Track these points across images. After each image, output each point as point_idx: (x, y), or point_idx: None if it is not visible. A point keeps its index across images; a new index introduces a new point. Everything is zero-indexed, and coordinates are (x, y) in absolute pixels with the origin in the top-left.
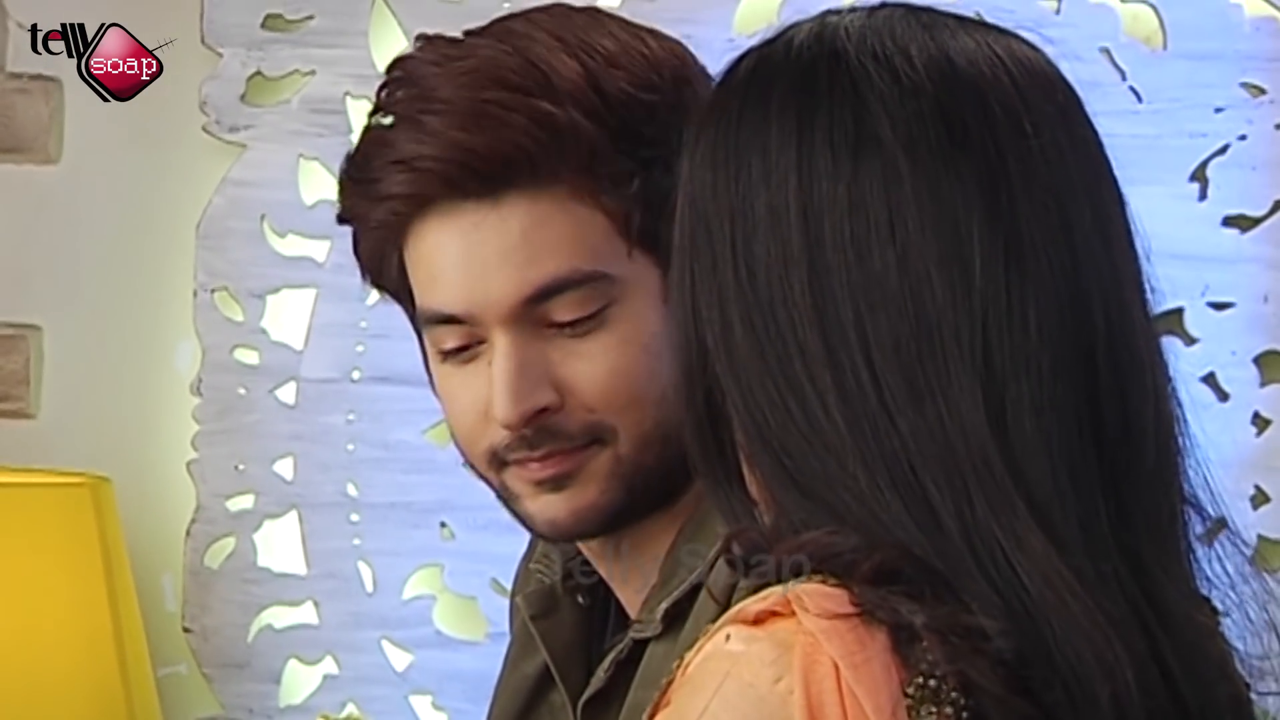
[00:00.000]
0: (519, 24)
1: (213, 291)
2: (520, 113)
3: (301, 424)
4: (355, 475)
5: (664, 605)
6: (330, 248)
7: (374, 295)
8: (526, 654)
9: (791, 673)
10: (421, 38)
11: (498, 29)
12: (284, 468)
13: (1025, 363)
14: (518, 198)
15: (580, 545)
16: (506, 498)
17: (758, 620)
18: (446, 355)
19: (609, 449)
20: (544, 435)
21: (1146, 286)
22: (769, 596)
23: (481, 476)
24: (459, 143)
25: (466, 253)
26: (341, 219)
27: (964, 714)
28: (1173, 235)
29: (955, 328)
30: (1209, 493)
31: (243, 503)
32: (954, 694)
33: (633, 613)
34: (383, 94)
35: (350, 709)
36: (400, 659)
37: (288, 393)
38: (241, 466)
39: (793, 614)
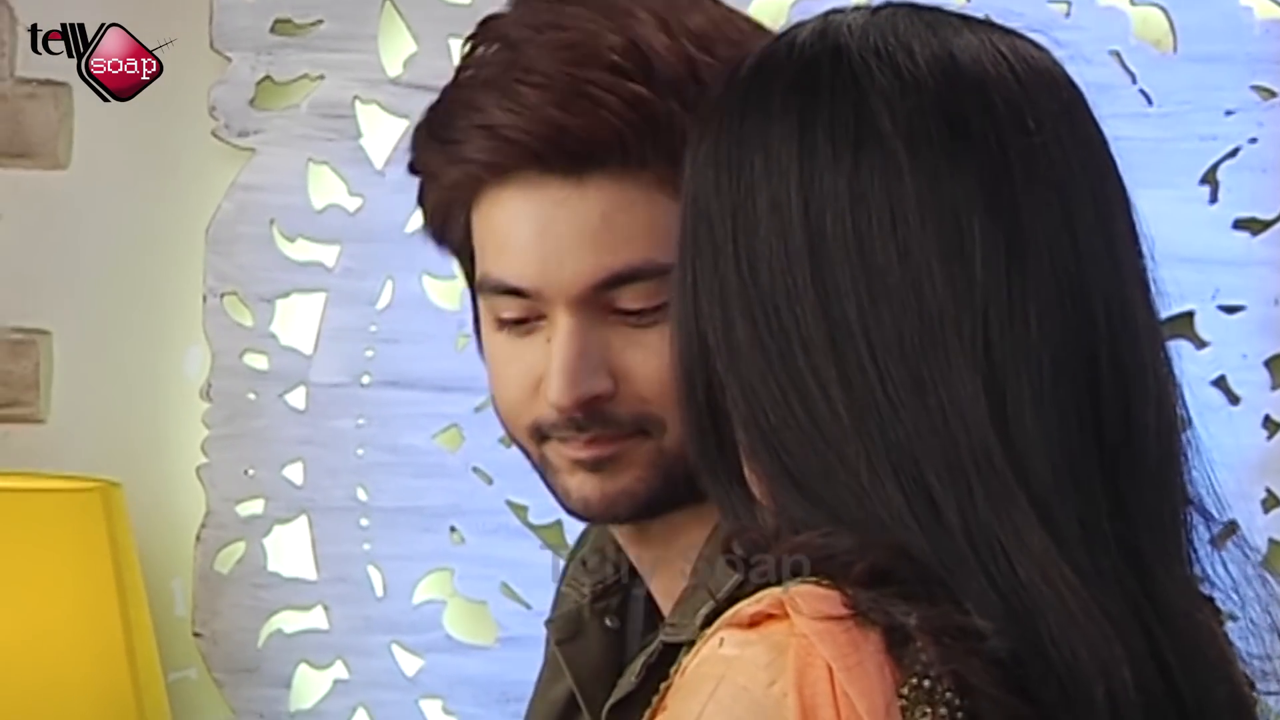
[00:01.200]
0: None
1: (222, 296)
2: (618, 96)
3: (311, 429)
4: (365, 480)
5: (703, 612)
6: (340, 252)
7: (384, 300)
8: (555, 679)
9: (785, 676)
10: None
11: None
12: (294, 472)
13: (1026, 357)
14: (603, 179)
15: (613, 529)
16: (544, 468)
17: (752, 623)
18: (502, 324)
19: (653, 441)
20: (593, 420)
21: (1151, 286)
22: (763, 599)
23: (519, 444)
24: (553, 119)
25: (543, 229)
26: (413, 169)
27: (959, 714)
28: (1183, 238)
29: (957, 321)
30: (1215, 495)
31: (253, 507)
32: (948, 694)
33: (664, 607)
34: (471, 51)
35: (361, 715)
36: (410, 664)
37: (297, 397)
38: (251, 471)
39: (787, 616)
